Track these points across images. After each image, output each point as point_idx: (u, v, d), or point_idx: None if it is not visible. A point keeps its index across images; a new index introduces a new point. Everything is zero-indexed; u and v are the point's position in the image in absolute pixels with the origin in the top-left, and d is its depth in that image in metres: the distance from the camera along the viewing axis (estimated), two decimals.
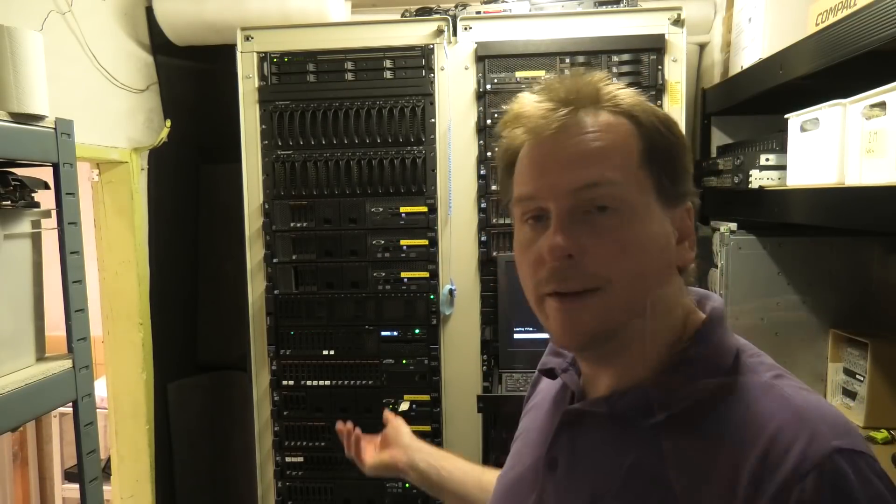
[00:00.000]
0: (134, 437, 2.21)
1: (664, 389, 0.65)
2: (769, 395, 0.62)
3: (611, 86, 0.68)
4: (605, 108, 0.66)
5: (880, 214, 1.00)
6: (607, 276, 0.64)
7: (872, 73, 1.09)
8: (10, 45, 1.23)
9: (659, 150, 0.66)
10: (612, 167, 0.64)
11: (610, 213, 0.64)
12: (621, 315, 0.65)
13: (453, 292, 1.93)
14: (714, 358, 0.66)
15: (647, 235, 0.65)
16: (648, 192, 0.65)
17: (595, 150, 0.64)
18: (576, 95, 0.66)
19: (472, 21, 1.90)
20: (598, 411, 0.69)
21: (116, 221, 2.15)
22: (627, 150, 0.65)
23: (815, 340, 1.67)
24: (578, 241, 0.63)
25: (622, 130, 0.66)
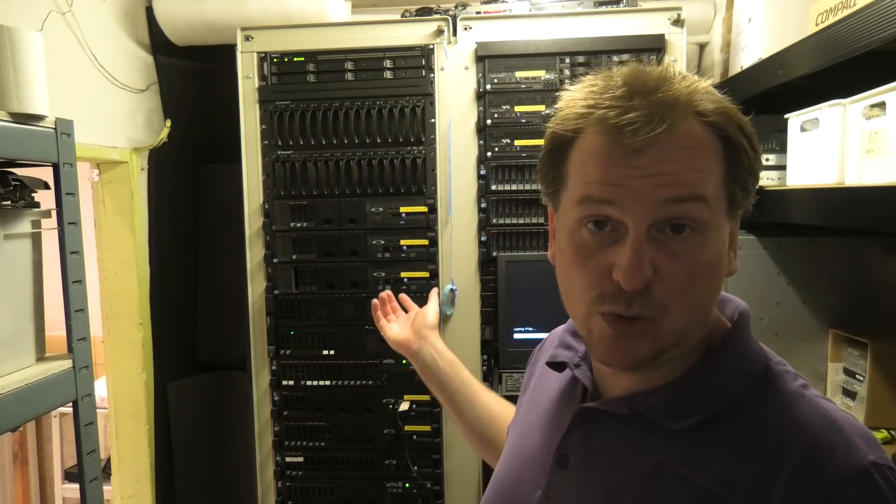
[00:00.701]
0: (134, 437, 2.21)
1: (694, 393, 0.64)
2: (801, 405, 0.62)
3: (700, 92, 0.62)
4: (696, 116, 0.61)
5: (880, 214, 1.00)
6: (668, 304, 0.60)
7: (872, 73, 1.09)
8: (10, 45, 1.23)
9: (742, 169, 0.62)
10: (702, 185, 0.59)
11: (688, 235, 0.60)
12: (671, 338, 0.62)
13: (454, 292, 1.93)
14: (745, 363, 0.66)
15: (716, 260, 0.62)
16: (723, 210, 0.62)
17: (692, 168, 0.59)
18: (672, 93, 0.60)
19: (472, 21, 1.90)
20: (618, 412, 0.68)
21: (116, 221, 2.15)
22: (715, 165, 0.61)
23: (815, 340, 1.67)
24: (655, 263, 0.59)
25: (713, 146, 0.61)
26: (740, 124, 0.63)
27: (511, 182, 1.91)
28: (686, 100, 0.61)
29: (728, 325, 0.70)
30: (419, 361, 1.14)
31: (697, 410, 0.63)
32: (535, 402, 0.84)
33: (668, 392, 0.65)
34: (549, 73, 1.87)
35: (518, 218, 1.91)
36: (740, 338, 0.67)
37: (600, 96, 0.61)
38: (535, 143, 1.89)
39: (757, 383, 0.64)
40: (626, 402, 0.67)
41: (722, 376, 0.64)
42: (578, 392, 0.75)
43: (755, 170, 0.64)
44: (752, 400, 0.63)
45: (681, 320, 0.61)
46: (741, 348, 0.66)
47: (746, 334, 0.68)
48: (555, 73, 1.87)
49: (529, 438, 0.80)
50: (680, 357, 0.66)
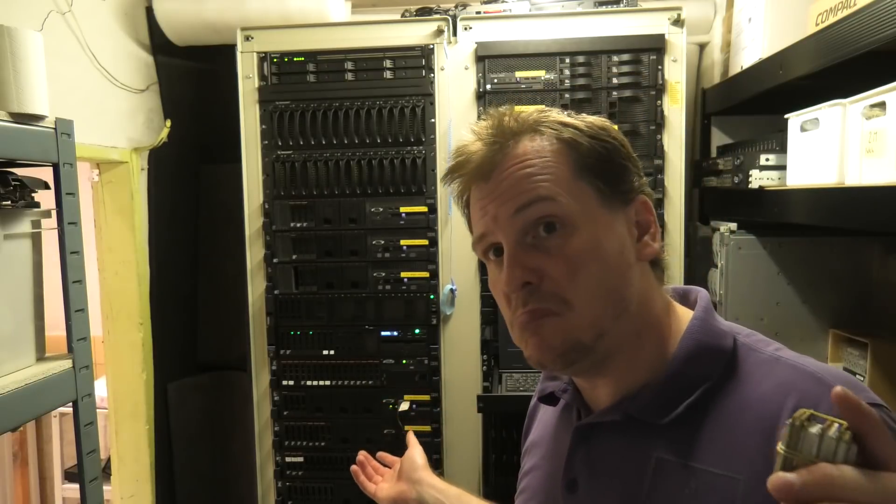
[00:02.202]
0: (134, 437, 2.21)
1: (674, 382, 0.65)
2: (779, 368, 0.64)
3: (532, 114, 0.70)
4: (529, 135, 0.68)
5: (880, 214, 1.00)
6: (565, 297, 0.65)
7: (872, 73, 1.09)
8: (10, 45, 1.23)
9: (590, 159, 0.67)
10: (542, 186, 0.65)
11: (558, 232, 0.65)
12: (588, 331, 0.65)
13: (454, 292, 1.93)
14: (715, 343, 0.67)
15: (596, 246, 0.65)
16: (589, 200, 0.66)
17: (526, 175, 0.66)
18: (501, 129, 0.69)
19: (472, 21, 1.90)
20: (611, 420, 0.69)
21: (116, 221, 2.15)
22: (558, 166, 0.66)
23: (815, 340, 1.67)
24: (532, 265, 0.65)
25: (549, 150, 0.67)
26: (575, 123, 0.69)
27: None
28: (521, 122, 0.69)
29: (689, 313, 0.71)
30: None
31: (681, 397, 0.64)
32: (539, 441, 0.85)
33: (650, 388, 0.66)
34: (549, 73, 1.87)
35: None
36: (703, 319, 0.69)
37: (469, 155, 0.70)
38: None
39: (731, 359, 0.66)
40: (615, 408, 0.69)
41: (696, 359, 0.66)
42: (573, 416, 0.77)
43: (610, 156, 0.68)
44: (731, 376, 0.65)
45: (588, 310, 0.65)
46: (706, 329, 0.68)
47: (709, 315, 0.69)
48: (555, 73, 1.87)
49: (538, 477, 0.80)
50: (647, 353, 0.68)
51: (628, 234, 0.68)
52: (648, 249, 0.69)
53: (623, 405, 0.68)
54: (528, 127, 0.69)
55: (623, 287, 0.66)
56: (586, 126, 0.69)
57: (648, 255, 0.69)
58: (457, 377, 1.96)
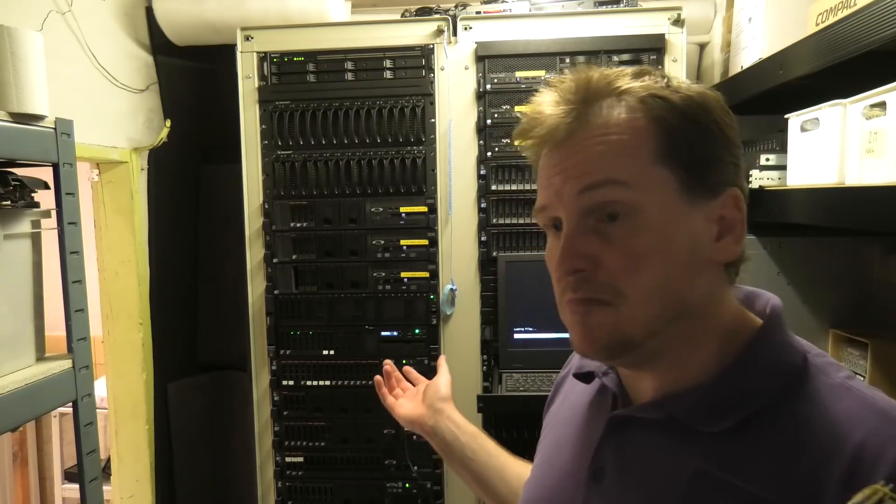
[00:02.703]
0: (134, 437, 2.21)
1: (729, 391, 0.61)
2: (848, 398, 0.59)
3: (623, 77, 0.63)
4: (616, 102, 0.62)
5: (880, 214, 1.00)
6: (620, 289, 0.60)
7: (872, 73, 1.09)
8: (10, 45, 1.23)
9: (679, 142, 0.61)
10: (617, 168, 0.60)
11: (621, 221, 0.60)
12: (639, 329, 0.61)
13: (454, 292, 1.93)
14: (781, 357, 0.62)
15: (665, 241, 0.60)
16: (667, 190, 0.60)
17: (601, 152, 0.61)
18: (584, 92, 0.63)
19: (472, 21, 1.90)
20: (651, 417, 0.65)
21: (116, 221, 2.15)
22: (639, 146, 0.60)
23: (815, 340, 1.65)
24: (588, 251, 0.61)
25: (632, 126, 0.61)
26: (671, 98, 0.62)
27: (511, 182, 1.91)
28: (602, 87, 0.63)
29: (758, 321, 0.67)
30: (437, 439, 1.04)
31: (735, 409, 0.60)
32: (565, 416, 0.80)
33: (701, 392, 0.62)
34: (549, 73, 1.87)
35: (518, 218, 1.91)
36: (774, 331, 0.64)
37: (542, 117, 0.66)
38: None
39: (797, 377, 0.61)
40: (658, 406, 0.64)
41: (758, 372, 0.61)
42: (608, 401, 0.72)
43: (705, 140, 0.62)
44: (794, 395, 0.60)
45: (643, 307, 0.60)
46: (776, 341, 0.63)
47: (780, 327, 0.65)
48: (555, 73, 1.87)
49: (561, 454, 0.76)
50: (704, 355, 0.64)
51: (706, 230, 0.62)
52: (727, 252, 0.64)
53: (668, 404, 0.63)
54: (615, 92, 0.62)
55: (687, 289, 0.62)
56: (683, 103, 0.62)
57: (726, 258, 0.64)
58: (457, 377, 1.93)
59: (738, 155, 0.64)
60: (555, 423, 0.83)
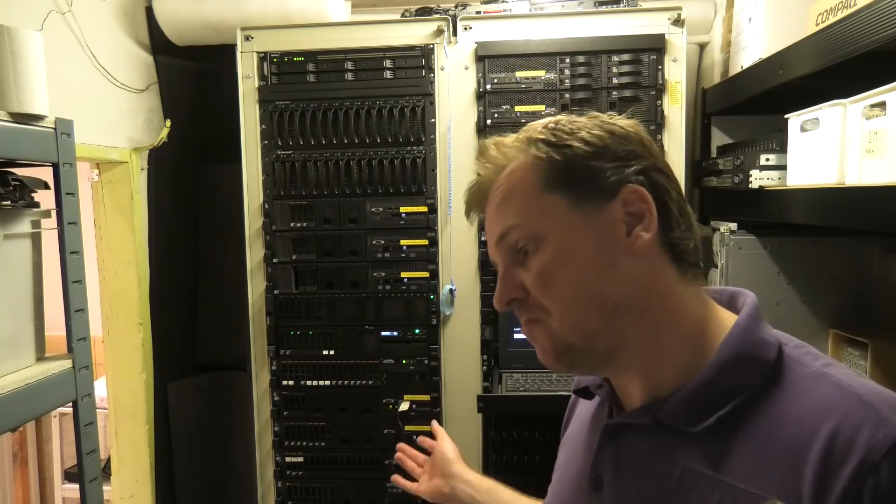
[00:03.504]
0: (134, 437, 2.21)
1: (708, 390, 0.63)
2: (822, 385, 0.60)
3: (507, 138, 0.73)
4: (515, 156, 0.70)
5: (880, 214, 1.00)
6: (544, 306, 0.67)
7: (872, 73, 1.09)
8: (10, 45, 1.23)
9: (551, 172, 0.67)
10: (512, 213, 0.69)
11: (532, 252, 0.68)
12: (573, 333, 0.66)
13: (454, 292, 1.93)
14: (757, 352, 0.63)
15: (567, 255, 0.66)
16: (556, 212, 0.67)
17: (499, 203, 0.70)
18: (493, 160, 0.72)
19: (472, 21, 1.90)
20: (640, 422, 0.67)
21: (116, 221, 2.15)
22: (527, 185, 0.68)
23: (815, 340, 1.66)
24: (516, 283, 0.69)
25: (521, 169, 0.69)
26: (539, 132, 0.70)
27: None
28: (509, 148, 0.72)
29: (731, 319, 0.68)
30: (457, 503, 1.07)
31: (714, 407, 0.62)
32: (575, 434, 0.84)
33: (682, 394, 0.64)
34: (549, 73, 1.87)
35: None
36: (746, 327, 0.65)
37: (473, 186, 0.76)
38: None
39: (774, 371, 0.62)
40: (645, 411, 0.67)
41: (734, 369, 0.63)
42: (605, 413, 0.76)
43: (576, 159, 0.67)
44: (771, 389, 0.61)
45: (566, 315, 0.66)
46: (749, 337, 0.64)
47: (754, 323, 0.66)
48: (555, 73, 1.87)
49: (569, 470, 0.80)
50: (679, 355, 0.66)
51: (612, 231, 0.65)
52: (639, 242, 0.65)
53: (653, 408, 0.66)
54: (515, 150, 0.71)
55: (606, 286, 0.65)
56: (552, 134, 0.69)
57: (640, 248, 0.65)
58: (457, 377, 1.96)
59: (628, 155, 0.67)
60: (567, 444, 0.86)
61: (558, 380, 1.78)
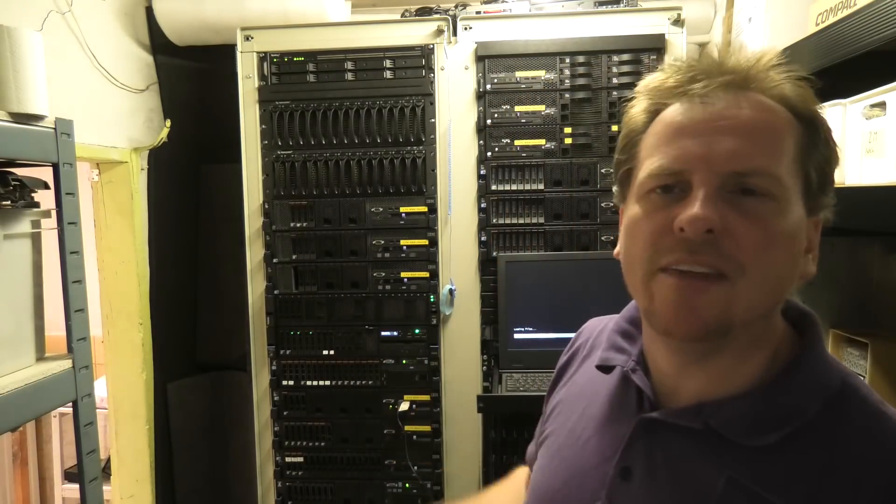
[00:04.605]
0: (134, 437, 2.21)
1: (773, 406, 0.60)
2: (885, 422, 0.59)
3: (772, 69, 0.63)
4: (764, 91, 0.61)
5: (880, 214, 1.00)
6: (743, 262, 0.57)
7: (872, 73, 1.09)
8: (10, 45, 1.23)
9: (816, 151, 0.61)
10: (773, 158, 0.58)
11: (759, 199, 0.58)
12: (745, 312, 0.58)
13: (453, 292, 1.93)
14: (823, 376, 0.62)
15: (792, 232, 0.59)
16: (797, 189, 0.60)
17: (761, 133, 0.58)
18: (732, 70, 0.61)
19: (472, 21, 1.90)
20: (689, 426, 0.63)
21: (116, 221, 2.15)
22: (788, 138, 0.59)
23: None
24: (724, 215, 0.57)
25: (784, 117, 0.60)
26: (816, 109, 0.62)
27: (511, 182, 1.91)
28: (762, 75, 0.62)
29: (793, 331, 0.66)
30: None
31: (778, 426, 0.59)
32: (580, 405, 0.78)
33: (744, 404, 0.61)
34: (549, 72, 1.87)
35: (518, 218, 1.91)
36: (816, 347, 0.63)
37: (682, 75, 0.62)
38: (535, 142, 1.89)
39: (836, 398, 0.60)
40: (695, 413, 0.63)
41: (801, 389, 0.60)
42: (632, 398, 0.70)
43: (830, 159, 0.62)
44: (833, 416, 0.59)
45: (757, 287, 0.57)
46: (818, 359, 0.62)
47: (821, 344, 0.64)
48: (555, 72, 1.87)
49: (580, 446, 0.74)
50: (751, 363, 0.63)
51: (803, 240, 0.62)
52: (809, 269, 0.63)
53: (705, 413, 0.62)
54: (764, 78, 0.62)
55: (786, 287, 0.61)
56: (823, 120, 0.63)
57: (806, 275, 0.63)
58: (457, 377, 1.96)
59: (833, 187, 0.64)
60: (566, 412, 0.80)
61: None
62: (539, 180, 1.90)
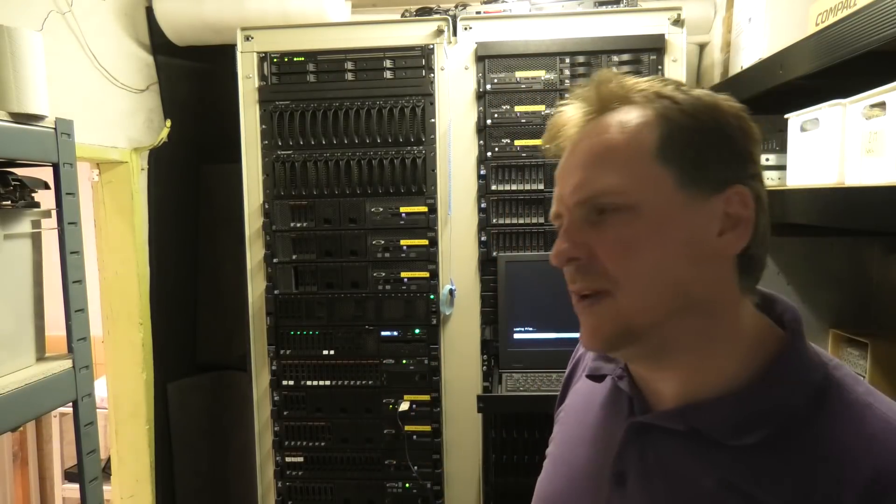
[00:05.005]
0: (134, 437, 2.21)
1: (756, 406, 0.61)
2: (868, 418, 0.59)
3: (630, 80, 0.66)
4: (623, 104, 0.65)
5: (880, 214, 1.00)
6: (613, 275, 0.62)
7: (872, 73, 1.09)
8: (10, 45, 1.23)
9: (681, 138, 0.62)
10: (614, 173, 0.62)
11: (612, 214, 0.62)
12: (639, 316, 0.62)
13: (453, 292, 1.93)
14: (806, 372, 0.62)
15: (657, 230, 0.61)
16: (662, 184, 0.62)
17: (595, 158, 0.64)
18: (601, 96, 0.66)
19: (472, 21, 1.90)
20: (674, 427, 0.65)
21: (116, 221, 2.15)
22: (636, 147, 0.62)
23: (815, 340, 1.63)
24: (583, 241, 0.63)
25: (632, 126, 0.63)
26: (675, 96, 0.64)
27: (511, 182, 1.91)
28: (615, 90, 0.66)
29: (779, 330, 0.66)
30: None
31: (761, 425, 0.60)
32: (578, 414, 0.81)
33: (724, 406, 0.62)
34: (549, 73, 1.87)
35: (518, 218, 1.91)
36: (797, 344, 0.64)
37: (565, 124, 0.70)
38: (535, 142, 1.89)
39: (819, 393, 0.61)
40: (679, 416, 0.64)
41: (783, 388, 0.61)
42: (624, 403, 0.72)
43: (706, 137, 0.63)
44: (817, 412, 0.60)
45: (640, 291, 0.62)
46: (801, 355, 0.63)
47: (803, 340, 0.65)
48: (555, 73, 1.87)
49: (575, 452, 0.77)
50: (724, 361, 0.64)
51: (707, 225, 0.62)
52: (728, 246, 0.63)
53: (689, 414, 0.63)
54: (622, 95, 0.66)
55: (689, 280, 0.62)
56: (687, 102, 0.64)
57: (727, 252, 0.63)
58: (457, 377, 1.96)
59: (748, 156, 0.65)
60: (568, 421, 0.83)
61: (558, 380, 1.78)
62: (539, 180, 1.90)
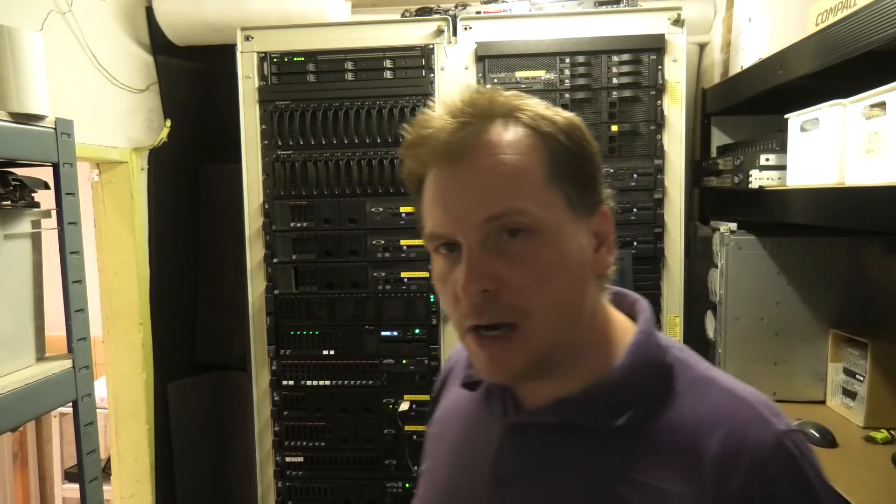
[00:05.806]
0: (134, 437, 2.21)
1: (618, 393, 0.65)
2: (712, 390, 0.65)
3: (511, 98, 0.66)
4: (503, 120, 0.63)
5: (880, 214, 1.00)
6: (524, 306, 0.61)
7: (872, 73, 1.09)
8: (10, 45, 1.23)
9: (563, 163, 0.63)
10: (519, 193, 0.61)
11: (523, 237, 0.61)
12: (546, 344, 0.63)
13: None
14: (658, 359, 0.67)
15: (562, 256, 0.62)
16: (558, 207, 0.62)
17: (500, 177, 0.61)
18: (480, 108, 0.64)
19: (472, 21, 1.90)
20: (548, 421, 0.67)
21: (116, 221, 2.15)
22: (532, 168, 0.62)
23: (815, 340, 1.67)
24: (492, 271, 0.60)
25: (524, 144, 0.62)
26: (554, 119, 0.65)
27: None
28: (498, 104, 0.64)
29: (629, 323, 0.71)
30: None
31: (623, 408, 0.64)
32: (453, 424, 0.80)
33: (592, 394, 0.66)
34: (549, 73, 1.87)
35: None
36: (649, 333, 0.68)
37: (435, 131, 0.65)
38: None
39: (667, 374, 0.66)
40: (552, 410, 0.67)
41: (640, 373, 0.66)
42: (497, 407, 0.73)
43: (583, 162, 0.65)
44: (668, 391, 0.65)
45: (548, 322, 0.62)
46: (652, 343, 0.68)
47: (652, 328, 0.69)
48: (555, 73, 1.87)
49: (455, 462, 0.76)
50: (587, 358, 0.67)
51: (588, 244, 0.65)
52: (604, 262, 0.67)
53: (560, 408, 0.66)
54: (505, 111, 0.64)
55: (579, 299, 0.65)
56: (564, 122, 0.64)
57: (602, 269, 0.67)
58: None
59: (602, 174, 0.68)
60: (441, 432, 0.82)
61: None
62: None
